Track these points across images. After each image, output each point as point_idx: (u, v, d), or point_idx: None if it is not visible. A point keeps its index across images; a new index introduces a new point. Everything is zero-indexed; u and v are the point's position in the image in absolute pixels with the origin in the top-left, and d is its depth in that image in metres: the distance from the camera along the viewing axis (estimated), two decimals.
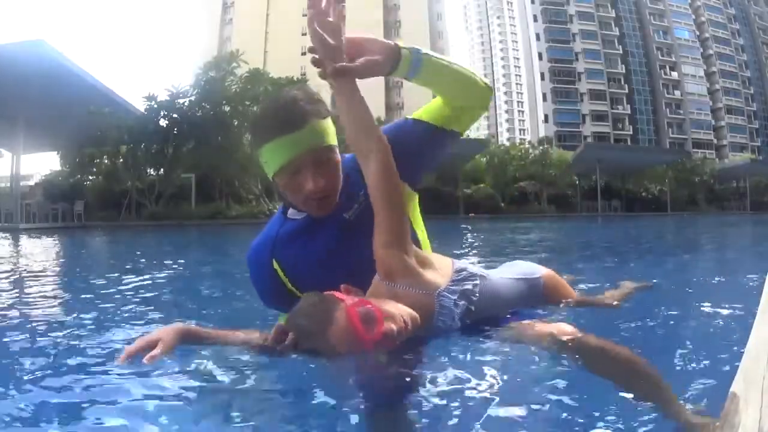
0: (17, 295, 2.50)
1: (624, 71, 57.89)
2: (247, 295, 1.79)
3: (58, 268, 4.28)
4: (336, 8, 1.02)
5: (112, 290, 2.40)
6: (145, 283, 2.73)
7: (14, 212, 14.47)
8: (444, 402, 0.85)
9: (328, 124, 1.11)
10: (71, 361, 1.10)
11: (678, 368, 1.03)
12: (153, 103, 17.61)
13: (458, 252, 4.44)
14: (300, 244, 1.16)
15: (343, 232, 1.14)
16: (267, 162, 1.09)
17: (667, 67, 58.82)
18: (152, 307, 1.93)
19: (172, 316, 1.67)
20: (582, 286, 1.85)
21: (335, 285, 0.96)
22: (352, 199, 1.14)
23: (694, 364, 1.05)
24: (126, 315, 1.77)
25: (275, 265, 1.17)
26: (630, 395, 0.80)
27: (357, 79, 1.05)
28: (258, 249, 1.21)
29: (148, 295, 2.34)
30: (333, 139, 1.11)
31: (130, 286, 2.55)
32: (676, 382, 0.90)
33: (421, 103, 1.26)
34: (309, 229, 1.16)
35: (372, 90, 48.69)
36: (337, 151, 1.12)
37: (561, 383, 0.90)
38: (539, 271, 1.32)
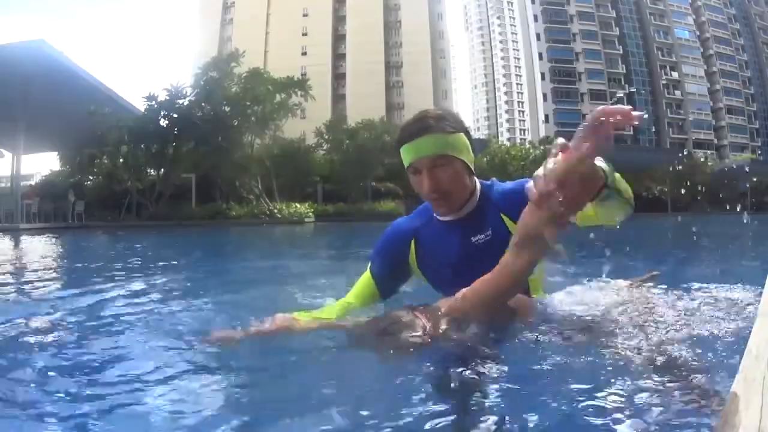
0: (17, 296, 2.49)
1: (624, 71, 57.85)
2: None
3: (60, 269, 4.28)
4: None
5: (112, 291, 2.39)
6: (146, 284, 2.72)
7: (14, 212, 14.49)
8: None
9: (451, 138, 1.29)
10: (72, 363, 1.10)
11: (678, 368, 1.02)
12: (153, 103, 17.64)
13: None
14: (438, 241, 1.39)
15: (467, 251, 1.34)
16: (402, 159, 1.32)
17: (668, 67, 58.76)
18: (153, 308, 1.92)
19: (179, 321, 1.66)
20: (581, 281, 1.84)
21: (450, 284, 1.21)
22: (481, 230, 1.34)
23: (694, 364, 1.04)
24: (127, 317, 1.76)
25: (412, 244, 1.42)
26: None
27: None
28: (403, 226, 1.48)
29: (149, 297, 2.34)
30: (452, 150, 1.29)
31: (131, 287, 2.55)
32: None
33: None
34: (447, 234, 1.38)
35: (372, 93, 48.76)
36: (457, 162, 1.30)
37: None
38: None
